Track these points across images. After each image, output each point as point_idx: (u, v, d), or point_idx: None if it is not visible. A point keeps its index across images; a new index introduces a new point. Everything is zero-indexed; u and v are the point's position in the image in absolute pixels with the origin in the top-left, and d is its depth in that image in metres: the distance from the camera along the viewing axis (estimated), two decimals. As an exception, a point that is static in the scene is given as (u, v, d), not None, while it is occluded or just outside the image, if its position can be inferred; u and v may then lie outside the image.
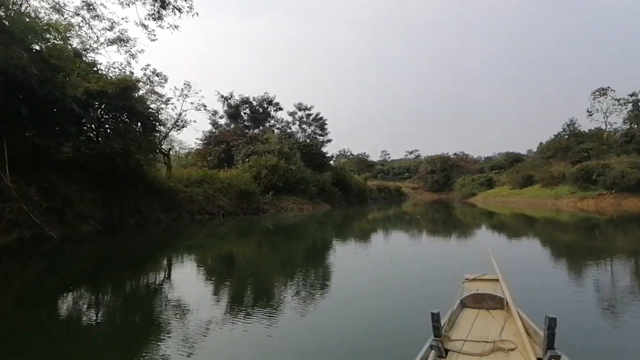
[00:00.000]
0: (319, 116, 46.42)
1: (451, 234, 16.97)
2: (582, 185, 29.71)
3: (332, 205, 33.54)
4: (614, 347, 4.03)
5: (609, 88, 49.35)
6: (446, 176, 66.64)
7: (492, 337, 2.86)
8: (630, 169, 27.67)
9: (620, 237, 14.52)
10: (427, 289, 6.51)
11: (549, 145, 42.64)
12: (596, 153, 34.16)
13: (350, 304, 5.81)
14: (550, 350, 2.43)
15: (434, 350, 2.63)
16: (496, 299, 3.57)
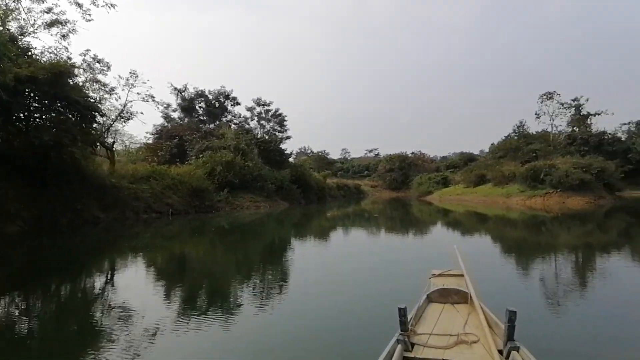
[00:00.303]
0: (278, 112, 45.34)
1: (410, 232, 17.08)
2: (531, 184, 30.99)
3: (290, 203, 32.78)
4: (566, 335, 4.23)
5: (555, 92, 52.31)
6: (404, 174, 67.90)
7: (456, 331, 2.93)
8: (574, 169, 29.18)
9: (564, 233, 15.12)
10: (391, 285, 6.56)
11: (500, 146, 44.41)
12: (543, 154, 35.89)
13: (313, 302, 5.69)
14: (510, 342, 2.52)
15: (400, 345, 2.66)
16: (460, 293, 3.65)
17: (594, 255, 10.17)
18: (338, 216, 26.75)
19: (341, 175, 74.22)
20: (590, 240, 13.31)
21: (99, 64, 22.70)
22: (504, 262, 9.24)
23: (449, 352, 2.67)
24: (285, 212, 27.86)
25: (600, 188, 30.12)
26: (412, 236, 15.68)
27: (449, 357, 2.63)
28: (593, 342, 4.10)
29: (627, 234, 14.84)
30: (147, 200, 20.08)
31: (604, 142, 48.21)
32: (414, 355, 2.68)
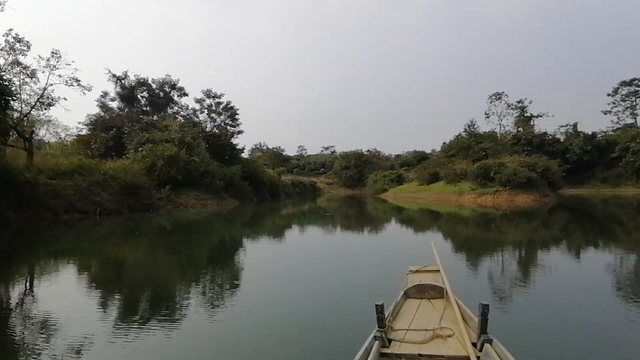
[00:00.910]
0: (230, 105, 43.15)
1: (366, 230, 16.85)
2: (482, 182, 31.47)
3: (241, 201, 31.04)
4: (535, 325, 4.33)
5: (503, 93, 54.41)
6: (360, 172, 68.00)
7: (433, 325, 2.99)
8: (521, 168, 29.93)
9: (512, 230, 15.54)
10: (356, 283, 6.59)
11: (452, 145, 45.18)
12: (492, 152, 36.74)
13: (280, 304, 5.43)
14: (484, 335, 2.58)
15: (377, 341, 2.69)
16: (437, 288, 3.69)
17: (547, 249, 10.68)
18: (294, 214, 25.89)
19: (297, 172, 73.14)
20: (543, 235, 13.67)
21: (19, 44, 19.73)
22: (460, 258, 9.26)
23: (425, 346, 2.70)
24: (236, 210, 26.37)
25: (545, 186, 31.21)
26: (368, 234, 15.36)
27: (425, 351, 2.64)
28: (560, 331, 4.25)
29: (572, 229, 15.48)
30: (70, 199, 17.60)
31: (545, 142, 50.79)
32: (391, 351, 2.69)
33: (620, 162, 46.87)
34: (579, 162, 47.59)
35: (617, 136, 49.91)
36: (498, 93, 54.01)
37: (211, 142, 33.16)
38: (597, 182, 48.06)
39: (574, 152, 48.89)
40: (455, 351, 2.61)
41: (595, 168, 49.03)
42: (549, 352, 3.67)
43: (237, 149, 39.46)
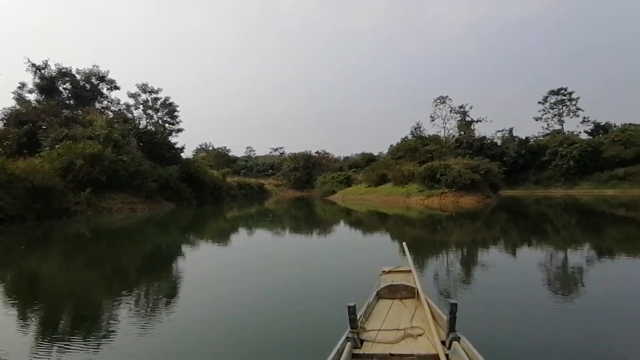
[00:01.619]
0: (169, 101, 40.02)
1: (316, 232, 16.62)
2: (428, 183, 31.64)
3: (178, 204, 28.53)
4: (501, 322, 4.49)
5: (447, 97, 56.15)
6: (308, 174, 67.20)
7: (404, 325, 3.04)
8: (465, 170, 30.44)
9: (457, 230, 15.87)
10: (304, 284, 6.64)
11: (399, 146, 45.48)
12: (438, 154, 37.30)
13: (244, 310, 5.17)
14: (452, 333, 2.62)
15: (349, 342, 2.69)
16: (408, 288, 3.73)
17: (496, 248, 11.04)
18: (240, 217, 24.69)
19: (244, 174, 70.89)
20: (489, 235, 14.19)
21: None
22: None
23: (396, 346, 2.74)
24: (171, 214, 24.20)
25: (487, 188, 32.05)
26: (321, 237, 15.03)
27: (396, 351, 2.67)
28: (521, 323, 4.44)
29: (515, 229, 16.30)
30: (-47, 204, 14.51)
31: (484, 146, 53.14)
32: (363, 351, 2.70)
33: (550, 165, 50.11)
34: (514, 164, 50.13)
35: (547, 141, 53.30)
36: (442, 97, 55.71)
37: (145, 140, 30.22)
38: (530, 184, 50.95)
39: (510, 156, 51.49)
40: (425, 350, 2.66)
41: (528, 171, 52.01)
42: (512, 345, 3.84)
43: (176, 148, 36.60)
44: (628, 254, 9.46)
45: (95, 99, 35.28)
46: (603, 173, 45.88)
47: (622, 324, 4.42)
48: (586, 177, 47.35)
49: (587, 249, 10.57)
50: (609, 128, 54.50)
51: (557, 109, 58.42)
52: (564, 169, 48.47)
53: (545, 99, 58.96)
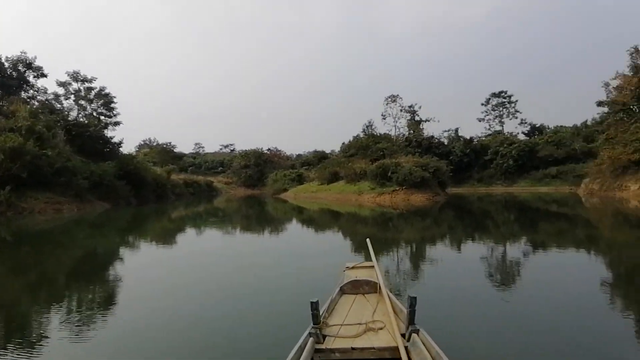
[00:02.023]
0: (105, 92, 36.69)
1: (265, 231, 16.53)
2: (380, 181, 31.73)
3: (114, 204, 26.17)
4: (455, 314, 4.67)
5: (398, 96, 57.12)
6: (260, 171, 65.69)
7: (366, 319, 3.07)
8: (415, 168, 30.85)
9: (409, 227, 15.98)
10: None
11: (351, 144, 45.60)
12: (389, 152, 37.68)
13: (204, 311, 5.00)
14: (411, 326, 2.71)
15: (312, 337, 2.71)
16: (371, 283, 3.81)
17: (447, 244, 11.60)
18: (187, 216, 23.72)
19: (192, 171, 67.81)
20: (442, 231, 14.79)
21: None
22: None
23: (358, 340, 2.77)
24: (106, 215, 22.23)
25: (436, 185, 32.76)
26: (270, 235, 14.89)
27: (357, 345, 2.70)
28: (476, 314, 4.68)
29: (464, 224, 16.91)
30: None
31: (432, 145, 54.83)
32: (325, 346, 2.72)
33: (492, 164, 52.81)
34: (459, 163, 52.15)
35: (489, 141, 56.12)
36: (393, 96, 56.61)
37: (75, 133, 27.31)
38: (474, 182, 53.36)
39: (456, 155, 53.55)
40: (386, 342, 2.70)
41: (472, 169, 54.45)
42: (467, 334, 3.97)
43: (113, 143, 33.72)
44: (559, 246, 10.46)
45: (22, 88, 31.47)
46: (538, 171, 49.07)
47: (557, 307, 4.89)
48: (524, 175, 50.39)
49: (525, 242, 11.42)
50: (544, 130, 58.51)
51: (498, 111, 61.69)
52: (504, 168, 51.23)
53: (487, 101, 62.03)
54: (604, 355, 3.51)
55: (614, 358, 3.48)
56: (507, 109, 61.02)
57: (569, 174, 44.83)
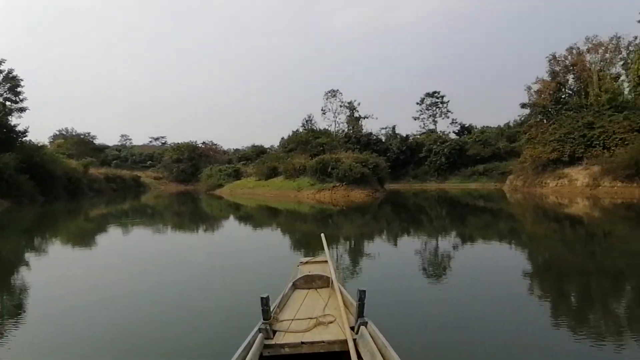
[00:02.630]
0: (12, 75, 31.62)
1: (199, 228, 16.10)
2: (320, 177, 31.01)
3: (15, 202, 22.47)
4: (401, 305, 4.89)
5: (338, 91, 56.94)
6: (194, 166, 62.14)
7: (317, 314, 3.08)
8: (355, 164, 30.57)
9: (347, 224, 15.99)
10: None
11: (290, 139, 44.35)
12: (329, 148, 37.12)
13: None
14: (360, 319, 2.77)
15: (261, 333, 2.70)
16: (323, 278, 3.83)
17: (388, 240, 11.94)
18: (111, 214, 22.09)
19: (117, 165, 62.15)
20: (374, 228, 14.86)
21: None
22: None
23: (308, 334, 2.77)
24: (8, 214, 19.44)
25: (375, 182, 32.83)
26: (205, 234, 14.40)
27: (307, 339, 2.70)
28: (419, 307, 4.94)
29: (401, 220, 17.55)
30: None
31: (371, 142, 55.61)
32: (275, 341, 2.71)
33: (426, 161, 54.87)
34: (396, 160, 53.44)
35: (423, 139, 58.23)
36: (333, 90, 56.36)
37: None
38: (410, 178, 55.09)
39: (393, 152, 54.82)
40: (335, 336, 2.73)
41: (408, 166, 56.15)
42: (411, 325, 4.23)
43: (16, 132, 29.10)
44: (486, 238, 11.59)
45: None
46: (467, 169, 51.85)
47: (488, 294, 5.44)
48: (454, 172, 52.99)
49: (457, 236, 12.34)
50: (472, 129, 62.10)
51: (431, 110, 64.28)
52: (437, 165, 53.43)
53: (422, 100, 64.33)
54: (529, 336, 3.93)
55: (535, 338, 3.88)
56: (440, 108, 63.81)
57: (495, 172, 47.84)
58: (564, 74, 36.40)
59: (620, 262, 7.88)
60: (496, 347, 3.73)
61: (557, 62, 36.83)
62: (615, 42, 33.93)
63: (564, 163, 30.90)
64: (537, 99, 37.14)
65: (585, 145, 29.76)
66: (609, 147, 28.22)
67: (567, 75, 36.41)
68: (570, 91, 36.61)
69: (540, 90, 37.33)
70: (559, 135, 31.26)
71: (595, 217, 16.59)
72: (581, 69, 34.73)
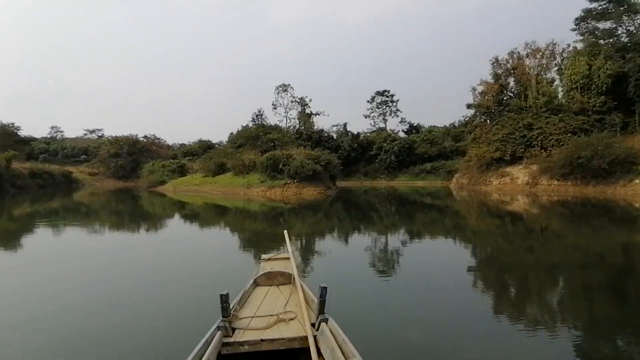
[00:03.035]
0: None
1: (144, 228, 15.12)
2: (271, 174, 29.87)
3: None
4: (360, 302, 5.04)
5: (289, 85, 55.80)
6: (134, 161, 58.02)
7: (278, 311, 3.08)
8: (307, 160, 29.75)
9: (299, 222, 15.45)
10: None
11: (240, 134, 42.57)
12: (280, 144, 36.00)
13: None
14: (321, 315, 2.76)
15: (220, 331, 2.66)
16: (285, 275, 3.83)
17: (342, 235, 12.10)
18: (39, 213, 19.93)
19: (45, 160, 56.59)
20: (325, 225, 14.75)
21: None
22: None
23: (268, 331, 2.75)
24: None
25: (327, 179, 32.28)
26: (150, 233, 13.46)
27: (267, 336, 2.68)
28: (379, 300, 5.16)
29: (349, 216, 17.58)
30: None
31: (322, 138, 55.24)
32: (234, 339, 2.68)
33: (376, 159, 55.51)
34: (347, 157, 53.54)
35: (374, 137, 58.89)
36: (284, 85, 55.13)
37: None
38: (360, 176, 55.46)
39: (345, 149, 54.82)
40: (295, 332, 2.72)
41: (359, 163, 56.50)
42: (370, 320, 4.34)
43: None
44: (431, 234, 12.17)
45: None
46: (416, 167, 53.23)
47: (438, 285, 5.95)
48: (403, 170, 54.15)
49: (407, 232, 12.72)
50: (420, 128, 63.86)
51: (382, 109, 65.22)
52: (387, 163, 54.25)
53: (372, 99, 65.06)
54: (472, 323, 4.33)
55: (479, 324, 4.27)
56: (390, 107, 64.91)
57: (441, 170, 49.47)
58: (506, 77, 38.17)
59: (555, 255, 8.38)
60: (446, 334, 4.04)
61: (499, 65, 38.54)
62: (552, 49, 36.13)
63: (506, 162, 32.35)
64: (481, 100, 38.63)
65: (525, 146, 31.32)
66: (546, 148, 29.89)
67: (509, 78, 38.20)
68: (511, 93, 38.48)
69: (484, 92, 38.85)
70: (502, 135, 32.66)
71: (534, 213, 17.43)
72: (521, 73, 36.59)
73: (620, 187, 23.87)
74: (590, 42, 32.92)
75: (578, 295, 5.68)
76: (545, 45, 36.44)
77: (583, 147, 25.11)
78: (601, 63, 31.41)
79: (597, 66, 31.56)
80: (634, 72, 29.37)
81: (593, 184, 25.27)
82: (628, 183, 23.60)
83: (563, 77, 34.51)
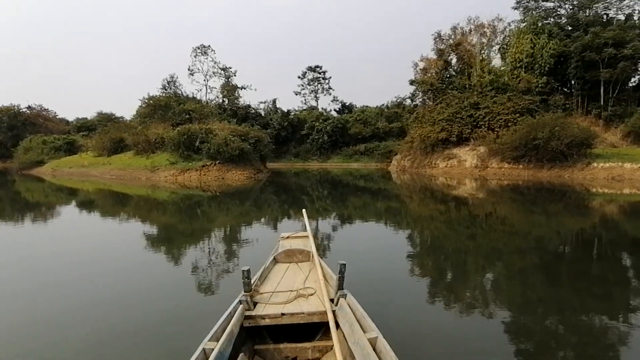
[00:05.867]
0: None
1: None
2: (184, 153, 23.67)
3: None
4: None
5: (210, 47, 48.18)
6: (16, 136, 47.07)
7: (297, 286, 3.15)
8: (233, 137, 24.10)
9: (222, 215, 12.90)
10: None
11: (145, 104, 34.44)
12: (199, 117, 29.42)
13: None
14: (340, 291, 2.82)
15: (242, 305, 2.75)
16: (304, 252, 3.94)
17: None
18: None
19: None
20: (247, 218, 12.39)
21: None
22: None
23: (289, 306, 2.83)
24: None
25: (257, 160, 26.89)
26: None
27: (287, 310, 2.76)
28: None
29: (281, 203, 15.32)
30: None
31: (249, 115, 49.36)
32: (255, 313, 2.75)
33: (308, 139, 51.17)
34: (277, 137, 48.50)
35: (305, 115, 54.32)
36: (204, 46, 47.49)
37: None
38: (291, 157, 50.91)
39: (274, 127, 49.67)
40: (315, 307, 2.80)
41: (290, 143, 51.77)
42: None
43: None
44: (363, 217, 11.23)
45: None
46: (349, 148, 50.04)
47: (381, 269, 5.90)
48: (336, 151, 50.68)
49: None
50: (352, 108, 60.70)
51: (313, 86, 60.66)
52: (319, 143, 50.30)
53: (304, 75, 60.14)
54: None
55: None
56: (322, 84, 60.68)
57: (375, 152, 46.82)
58: (449, 54, 35.86)
59: (498, 242, 8.18)
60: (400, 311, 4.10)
61: (442, 41, 36.06)
62: (495, 24, 34.43)
63: (453, 143, 29.98)
64: (423, 77, 35.95)
65: (472, 126, 29.13)
66: (494, 129, 27.95)
67: (451, 55, 35.95)
68: (454, 71, 36.33)
69: (425, 68, 36.24)
70: (447, 115, 30.16)
71: (480, 198, 16.14)
72: (464, 49, 34.44)
73: (578, 170, 22.43)
74: (534, 20, 31.61)
75: (513, 281, 5.60)
76: (488, 22, 34.64)
77: (539, 128, 23.17)
78: (544, 42, 30.19)
79: (540, 45, 30.33)
80: (577, 51, 28.49)
81: (548, 168, 23.63)
82: (586, 167, 22.19)
83: (507, 56, 33.03)
